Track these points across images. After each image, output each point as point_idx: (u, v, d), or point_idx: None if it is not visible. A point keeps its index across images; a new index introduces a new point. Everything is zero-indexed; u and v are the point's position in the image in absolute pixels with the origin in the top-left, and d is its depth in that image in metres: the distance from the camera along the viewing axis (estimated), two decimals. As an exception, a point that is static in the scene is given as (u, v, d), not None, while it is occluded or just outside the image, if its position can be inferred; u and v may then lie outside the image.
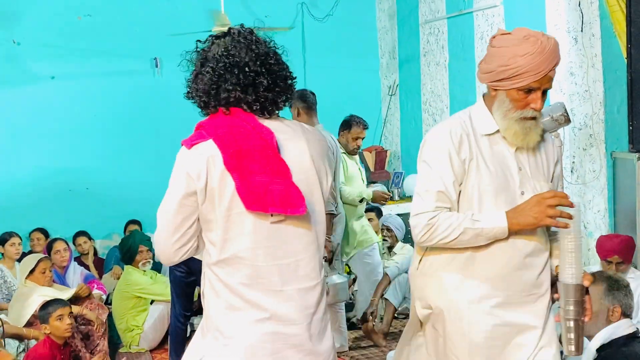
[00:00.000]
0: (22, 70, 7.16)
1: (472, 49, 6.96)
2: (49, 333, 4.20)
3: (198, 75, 2.24)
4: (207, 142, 2.15)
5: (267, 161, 2.13)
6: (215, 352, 2.20)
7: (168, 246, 2.20)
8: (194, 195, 2.13)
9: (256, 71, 2.20)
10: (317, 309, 2.24)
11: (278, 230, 2.17)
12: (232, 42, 2.22)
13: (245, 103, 2.20)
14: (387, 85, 8.68)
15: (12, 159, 7.08)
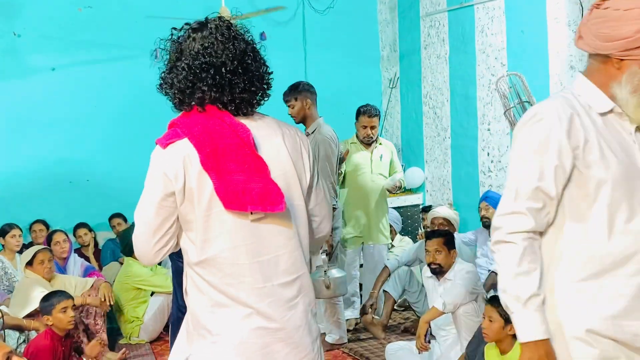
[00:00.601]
0: (22, 62, 7.15)
1: (472, 42, 6.95)
2: (51, 325, 4.21)
3: (173, 70, 2.20)
4: (182, 140, 2.12)
5: (244, 159, 2.11)
6: (204, 350, 2.19)
7: (148, 248, 2.18)
8: (172, 196, 2.11)
9: (233, 71, 2.16)
10: (297, 301, 2.22)
11: (258, 228, 2.15)
12: (209, 37, 2.17)
13: (220, 103, 2.17)
14: (388, 78, 8.68)
15: (12, 150, 7.08)
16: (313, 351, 2.26)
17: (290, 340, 2.19)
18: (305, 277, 2.28)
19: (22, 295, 4.91)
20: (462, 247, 5.84)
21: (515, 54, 6.37)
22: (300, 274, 2.24)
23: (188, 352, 2.24)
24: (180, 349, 2.30)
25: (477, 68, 6.91)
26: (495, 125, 6.70)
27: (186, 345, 2.26)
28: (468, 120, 7.11)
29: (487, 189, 6.79)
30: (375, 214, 5.96)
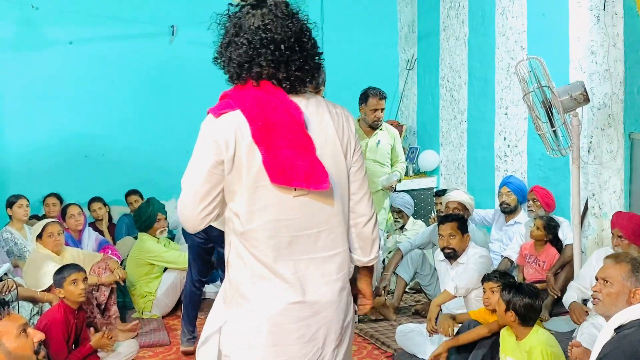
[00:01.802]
0: (39, 35, 7.15)
1: (492, 24, 6.88)
2: (63, 297, 4.25)
3: (231, 44, 2.23)
4: (235, 112, 2.16)
5: (294, 136, 2.16)
6: (240, 317, 2.24)
7: (194, 214, 2.20)
8: (221, 165, 2.15)
9: (290, 48, 2.21)
10: (334, 277, 2.28)
11: (301, 204, 2.20)
12: (269, 14, 2.20)
13: (275, 79, 2.21)
14: (405, 59, 8.62)
15: (28, 124, 7.11)
16: (344, 328, 2.33)
17: (323, 314, 2.25)
18: (345, 255, 2.32)
19: (33, 271, 4.95)
20: (475, 231, 5.83)
21: (536, 38, 6.30)
22: (339, 250, 2.30)
23: (224, 319, 2.29)
24: (217, 315, 2.34)
25: (497, 51, 6.84)
26: (512, 110, 6.64)
27: (223, 312, 2.31)
28: (485, 104, 7.06)
29: (502, 173, 6.75)
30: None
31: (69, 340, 4.15)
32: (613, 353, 2.56)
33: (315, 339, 2.25)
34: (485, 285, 3.99)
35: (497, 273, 4.11)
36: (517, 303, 3.51)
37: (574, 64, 5.78)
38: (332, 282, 2.27)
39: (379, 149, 5.66)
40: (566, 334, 4.49)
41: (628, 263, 3.17)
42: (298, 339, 2.22)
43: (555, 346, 3.50)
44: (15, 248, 5.84)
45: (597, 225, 5.61)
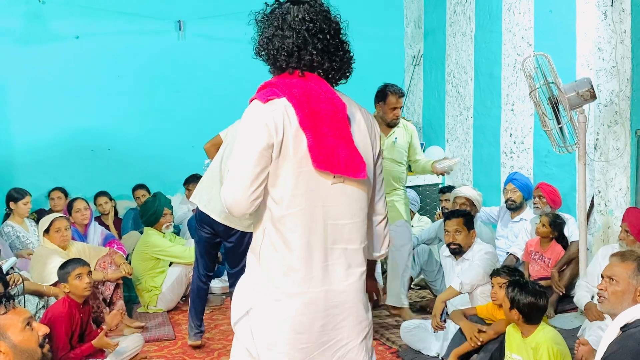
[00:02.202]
0: (46, 29, 7.17)
1: (499, 20, 6.86)
2: (68, 292, 4.26)
3: (275, 37, 2.30)
4: (281, 99, 2.22)
5: (337, 125, 2.24)
6: (267, 305, 2.28)
7: (245, 197, 2.21)
8: (271, 148, 2.19)
9: (336, 40, 2.33)
10: (358, 270, 2.35)
11: (336, 192, 2.28)
12: (311, 9, 2.31)
13: (322, 69, 2.30)
14: (411, 55, 8.60)
15: (35, 117, 7.13)
16: (367, 319, 2.41)
17: (349, 305, 2.32)
18: (365, 248, 2.39)
19: (40, 266, 4.96)
20: (482, 227, 5.82)
21: (543, 34, 6.28)
22: (364, 244, 2.37)
23: (250, 305, 2.32)
24: (242, 301, 2.36)
25: (503, 47, 6.82)
26: (519, 106, 6.63)
27: (249, 298, 2.34)
28: (491, 100, 7.04)
29: (508, 170, 6.74)
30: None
31: (73, 334, 4.15)
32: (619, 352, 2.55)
33: (341, 327, 2.32)
34: (493, 280, 3.99)
35: (506, 268, 4.12)
36: (521, 302, 3.51)
37: (580, 60, 5.76)
38: (357, 274, 2.34)
39: (395, 147, 5.38)
40: (571, 331, 4.49)
41: (634, 261, 3.16)
42: (323, 326, 2.29)
43: (562, 344, 3.50)
44: (17, 241, 5.87)
45: (603, 222, 5.60)
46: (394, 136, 5.40)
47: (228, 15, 7.64)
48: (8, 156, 7.09)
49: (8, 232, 5.88)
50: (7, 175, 6.99)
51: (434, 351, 4.55)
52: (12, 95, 7.09)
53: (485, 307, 4.09)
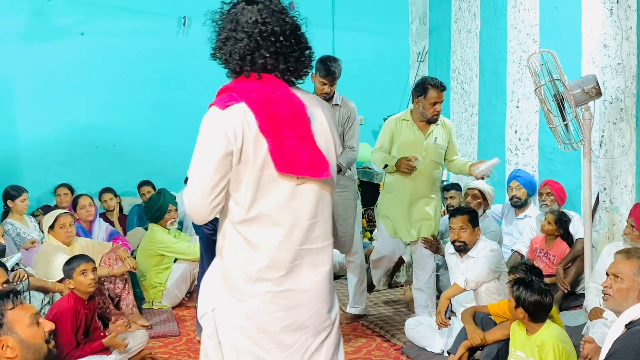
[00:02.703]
0: (51, 26, 7.18)
1: (504, 17, 6.84)
2: (73, 288, 4.27)
3: (229, 39, 2.27)
4: (240, 104, 2.20)
5: (297, 127, 2.23)
6: (230, 305, 2.29)
7: (205, 205, 2.23)
8: (230, 155, 2.18)
9: (289, 41, 2.28)
10: (324, 268, 2.35)
11: (301, 193, 2.27)
12: (265, 9, 2.27)
13: (278, 71, 2.27)
14: (416, 52, 8.59)
15: (40, 114, 7.14)
16: (330, 319, 2.38)
17: (313, 304, 2.31)
18: (332, 246, 2.39)
19: (44, 263, 4.98)
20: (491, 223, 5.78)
21: (548, 31, 6.27)
22: (330, 242, 2.37)
23: (214, 305, 2.34)
24: (207, 300, 2.38)
25: (508, 44, 6.81)
26: (524, 103, 6.61)
27: (214, 298, 2.35)
28: (497, 97, 7.03)
29: (513, 167, 6.73)
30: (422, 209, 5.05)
31: (78, 330, 4.16)
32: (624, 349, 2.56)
33: (304, 327, 2.30)
34: (511, 277, 3.96)
35: (524, 266, 4.11)
36: (526, 300, 3.50)
37: (586, 57, 5.75)
38: (323, 272, 2.34)
39: (436, 147, 5.01)
40: (576, 328, 4.48)
41: (639, 259, 3.15)
42: (286, 327, 2.28)
43: (567, 342, 3.49)
44: (18, 238, 5.88)
45: (608, 219, 5.59)
46: (433, 136, 5.02)
47: (233, 11, 7.65)
48: (13, 152, 7.11)
49: (8, 229, 5.89)
50: (12, 171, 7.01)
51: (439, 348, 4.55)
52: (17, 92, 7.11)
53: (498, 305, 4.07)
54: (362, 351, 4.73)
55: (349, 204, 5.16)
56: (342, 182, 5.10)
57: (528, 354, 3.53)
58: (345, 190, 5.13)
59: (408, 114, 5.13)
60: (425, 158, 4.95)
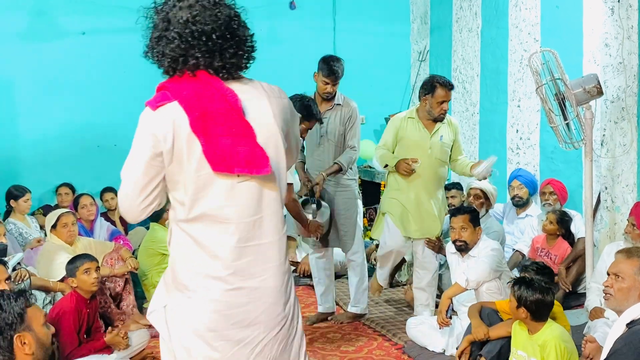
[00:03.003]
0: (53, 25, 7.17)
1: (505, 16, 6.84)
2: (75, 287, 4.27)
3: (162, 38, 2.24)
4: (172, 103, 2.17)
5: (232, 123, 2.17)
6: (180, 302, 2.28)
7: (134, 206, 2.24)
8: (160, 156, 2.16)
9: (222, 37, 2.21)
10: (278, 262, 2.32)
11: (244, 189, 2.22)
12: (195, 5, 2.21)
13: (212, 68, 2.22)
14: (418, 51, 8.59)
15: (41, 113, 7.14)
16: (283, 312, 2.35)
17: (264, 301, 2.28)
18: (284, 239, 2.37)
19: (46, 261, 4.98)
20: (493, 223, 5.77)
21: (549, 30, 6.27)
22: (280, 235, 2.34)
23: (165, 302, 2.34)
24: (159, 298, 2.40)
25: (510, 43, 6.81)
26: (525, 102, 6.61)
27: (164, 296, 2.36)
28: (498, 96, 7.03)
29: (514, 166, 6.73)
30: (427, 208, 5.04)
31: (80, 329, 4.17)
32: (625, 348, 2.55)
33: (255, 324, 2.28)
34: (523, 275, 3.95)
35: (536, 265, 4.12)
36: (528, 299, 3.50)
37: (587, 56, 5.75)
38: (275, 267, 2.31)
39: (442, 145, 4.99)
40: (577, 327, 4.48)
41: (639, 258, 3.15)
42: (235, 324, 2.25)
43: (569, 341, 3.49)
44: (20, 238, 5.89)
45: (610, 218, 5.59)
46: (439, 134, 4.99)
47: (234, 11, 7.65)
48: (14, 151, 7.10)
49: (10, 229, 5.90)
50: (13, 171, 7.01)
51: (440, 347, 4.55)
52: (18, 91, 7.10)
53: (506, 302, 4.06)
54: (363, 350, 4.73)
55: (350, 203, 5.16)
56: (343, 181, 5.13)
57: (530, 353, 3.53)
58: (347, 190, 5.14)
59: (414, 112, 5.12)
60: (431, 156, 4.95)
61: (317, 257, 5.32)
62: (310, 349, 4.73)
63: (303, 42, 7.98)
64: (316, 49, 7.92)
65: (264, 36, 8.01)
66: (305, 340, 2.51)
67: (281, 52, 7.87)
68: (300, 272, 6.49)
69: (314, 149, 5.20)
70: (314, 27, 8.12)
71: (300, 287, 6.33)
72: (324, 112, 5.06)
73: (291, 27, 8.01)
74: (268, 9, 7.94)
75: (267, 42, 7.98)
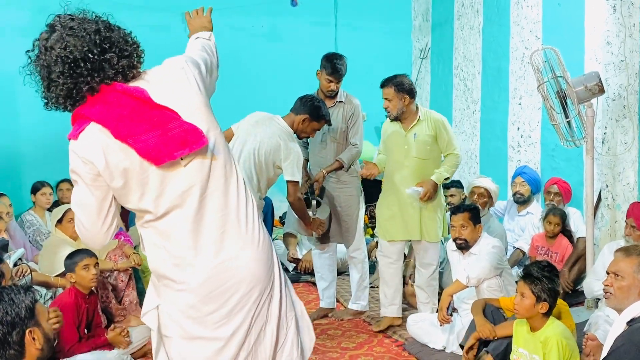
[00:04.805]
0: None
1: (507, 13, 6.84)
2: (74, 282, 4.28)
3: (50, 85, 2.23)
4: (90, 125, 2.18)
5: (150, 114, 2.16)
6: (171, 297, 2.32)
7: (96, 229, 2.25)
8: (99, 176, 2.17)
9: (100, 51, 2.22)
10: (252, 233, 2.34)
11: (194, 169, 2.24)
12: (61, 39, 2.22)
13: (107, 79, 2.22)
14: (419, 49, 8.59)
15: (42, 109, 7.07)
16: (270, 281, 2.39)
17: (249, 272, 2.32)
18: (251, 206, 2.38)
19: (49, 255, 4.98)
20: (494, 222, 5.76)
21: (551, 28, 6.26)
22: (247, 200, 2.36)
23: (157, 302, 2.39)
24: (150, 300, 2.43)
25: (511, 41, 6.80)
26: (526, 100, 6.61)
27: (155, 297, 2.40)
28: (499, 94, 7.03)
29: (515, 164, 6.73)
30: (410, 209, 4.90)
31: (80, 325, 4.18)
32: (625, 346, 2.56)
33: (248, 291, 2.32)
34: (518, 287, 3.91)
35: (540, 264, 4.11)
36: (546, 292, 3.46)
37: (589, 54, 5.74)
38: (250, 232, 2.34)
39: (416, 143, 4.85)
40: (578, 325, 4.48)
41: (638, 256, 3.15)
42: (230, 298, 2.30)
43: (570, 338, 3.49)
44: (36, 232, 5.92)
45: (610, 216, 5.59)
46: (413, 132, 4.87)
47: (235, 7, 7.65)
48: (16, 147, 7.11)
49: (31, 220, 5.99)
50: (14, 167, 7.02)
51: (440, 344, 4.56)
52: (20, 88, 7.09)
53: (510, 299, 4.05)
54: (363, 347, 4.73)
55: (352, 200, 5.17)
56: (345, 178, 5.14)
57: (531, 350, 3.53)
58: (348, 186, 5.15)
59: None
60: (408, 155, 4.87)
61: (320, 252, 5.33)
62: (310, 345, 4.74)
63: (304, 39, 7.98)
64: (317, 46, 7.93)
65: (265, 33, 8.02)
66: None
67: (282, 49, 7.88)
68: (301, 269, 6.49)
69: (317, 146, 5.21)
70: (315, 24, 8.12)
71: (301, 284, 6.33)
72: None
73: (292, 24, 8.02)
74: (269, 5, 7.94)
75: (269, 39, 7.99)
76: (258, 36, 7.89)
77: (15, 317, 2.31)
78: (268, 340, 2.40)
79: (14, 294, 2.35)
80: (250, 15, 7.90)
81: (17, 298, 2.34)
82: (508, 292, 4.26)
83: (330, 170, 5.06)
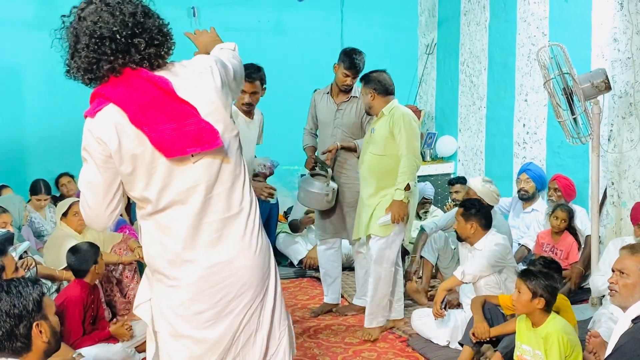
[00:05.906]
0: (59, 14, 7.15)
1: (514, 9, 6.81)
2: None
3: (75, 55, 2.26)
4: (108, 106, 2.20)
5: (171, 107, 2.18)
6: (163, 292, 2.34)
7: (101, 212, 2.27)
8: (110, 159, 2.19)
9: (129, 34, 2.21)
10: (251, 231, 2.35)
11: (202, 167, 2.25)
12: (96, 12, 2.22)
13: (133, 63, 2.23)
14: (425, 44, 8.57)
15: (47, 102, 7.15)
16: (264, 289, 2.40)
17: (241, 277, 2.33)
18: (253, 209, 2.39)
19: (54, 249, 4.99)
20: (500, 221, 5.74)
21: (558, 24, 6.24)
22: (247, 204, 2.36)
23: (149, 296, 2.41)
24: (143, 294, 2.45)
25: (518, 37, 6.78)
26: (532, 96, 6.59)
27: (147, 291, 2.43)
28: (505, 90, 7.01)
29: (521, 160, 6.71)
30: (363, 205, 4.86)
31: (85, 318, 4.19)
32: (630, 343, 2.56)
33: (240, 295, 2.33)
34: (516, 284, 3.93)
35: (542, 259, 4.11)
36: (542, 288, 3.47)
37: (595, 51, 5.72)
38: (248, 237, 2.34)
39: (372, 138, 4.77)
40: (582, 322, 4.48)
41: None
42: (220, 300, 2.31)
43: (572, 334, 3.49)
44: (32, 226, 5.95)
45: (616, 214, 5.58)
46: (372, 127, 4.81)
47: (242, 2, 7.64)
48: (21, 140, 7.13)
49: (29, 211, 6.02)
50: (19, 159, 7.04)
51: (444, 340, 4.55)
52: (24, 80, 7.12)
53: (510, 297, 4.05)
54: (367, 343, 4.74)
55: (357, 196, 5.16)
56: (351, 173, 5.13)
57: (534, 346, 3.53)
58: (354, 182, 5.14)
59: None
60: (366, 150, 4.80)
61: (325, 248, 5.32)
62: (314, 340, 4.74)
63: (310, 34, 7.97)
64: (323, 40, 7.92)
65: (272, 27, 8.00)
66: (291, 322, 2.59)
67: (288, 44, 7.87)
68: (305, 266, 6.50)
69: (326, 139, 5.20)
70: (322, 19, 8.10)
71: (305, 279, 6.33)
72: (340, 103, 5.14)
73: (298, 18, 8.00)
74: (276, 0, 7.93)
75: (275, 33, 7.98)
76: (264, 31, 7.88)
77: (23, 309, 2.31)
78: (258, 348, 2.41)
79: (22, 287, 2.35)
80: (257, 10, 7.90)
81: (24, 291, 2.34)
82: (507, 289, 4.25)
83: (344, 147, 5.08)
